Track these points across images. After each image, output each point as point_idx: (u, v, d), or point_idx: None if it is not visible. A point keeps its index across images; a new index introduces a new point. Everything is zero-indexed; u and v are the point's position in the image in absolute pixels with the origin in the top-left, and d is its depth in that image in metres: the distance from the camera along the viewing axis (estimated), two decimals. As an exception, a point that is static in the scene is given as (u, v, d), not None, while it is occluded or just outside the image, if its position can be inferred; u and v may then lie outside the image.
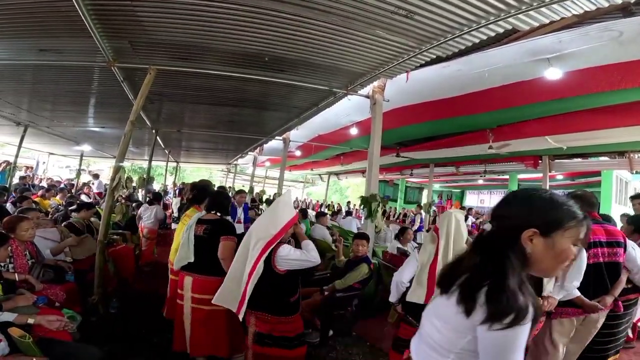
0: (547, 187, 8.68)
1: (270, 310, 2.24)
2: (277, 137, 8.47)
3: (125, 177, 3.73)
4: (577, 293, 2.36)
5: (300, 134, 8.26)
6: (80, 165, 11.71)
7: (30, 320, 2.08)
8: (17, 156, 7.77)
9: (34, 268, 3.23)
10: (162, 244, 6.77)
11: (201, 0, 2.66)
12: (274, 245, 2.19)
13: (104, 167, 22.01)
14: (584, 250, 2.37)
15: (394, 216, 13.66)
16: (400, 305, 2.33)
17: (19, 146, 7.62)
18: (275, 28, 3.10)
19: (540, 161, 8.94)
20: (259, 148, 10.65)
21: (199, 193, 3.48)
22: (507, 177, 12.64)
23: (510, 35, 3.85)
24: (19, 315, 2.09)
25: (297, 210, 6.99)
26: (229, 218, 3.10)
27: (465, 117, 6.49)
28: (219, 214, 2.78)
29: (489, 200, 18.54)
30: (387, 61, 3.74)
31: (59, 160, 18.26)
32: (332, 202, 16.85)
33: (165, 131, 8.16)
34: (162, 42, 3.39)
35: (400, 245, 5.25)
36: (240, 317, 2.19)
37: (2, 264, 2.93)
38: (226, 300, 2.25)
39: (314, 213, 9.87)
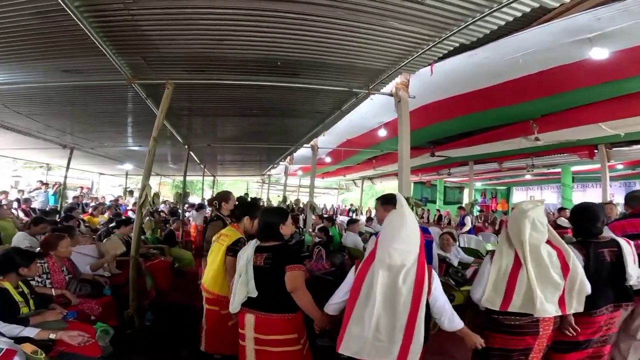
0: (607, 179, 7.85)
1: None
2: (305, 145, 8.44)
3: (153, 194, 3.82)
4: None
5: (328, 140, 8.16)
6: (126, 183, 12.51)
7: (52, 335, 2.13)
8: (65, 177, 8.42)
9: (71, 283, 3.39)
10: (199, 256, 7.04)
11: (204, 9, 2.66)
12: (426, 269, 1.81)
13: (152, 184, 23.32)
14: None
15: (435, 219, 13.08)
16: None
17: (67, 167, 8.29)
18: (284, 30, 3.03)
19: (596, 151, 8.07)
20: (289, 157, 10.72)
21: (239, 210, 3.10)
22: (559, 170, 11.61)
23: (540, 18, 3.52)
24: (42, 330, 2.14)
25: (325, 218, 6.89)
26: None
27: (503, 108, 6.08)
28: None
29: (540, 196, 17.11)
30: (406, 54, 3.53)
31: (110, 180, 19.61)
32: (359, 206, 16.50)
33: (196, 146, 8.46)
34: (174, 55, 3.45)
35: (440, 252, 4.82)
36: None
37: (39, 280, 3.11)
38: (371, 353, 1.78)
39: (345, 219, 9.66)
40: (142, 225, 4.01)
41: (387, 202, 2.58)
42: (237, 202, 3.81)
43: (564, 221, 8.24)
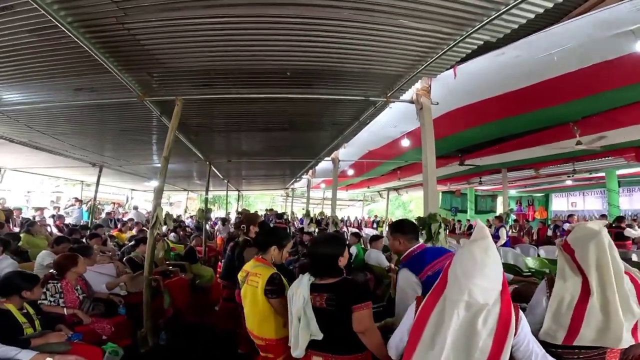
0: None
1: None
2: (326, 158, 8.28)
3: (164, 214, 3.76)
4: None
5: (349, 152, 7.97)
6: (154, 199, 12.86)
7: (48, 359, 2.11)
8: (96, 193, 8.76)
9: (84, 302, 3.37)
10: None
11: (204, 19, 2.57)
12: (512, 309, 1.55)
13: (182, 199, 24.07)
14: None
15: (459, 229, 12.46)
16: None
17: (97, 184, 8.60)
18: (292, 38, 2.90)
19: (643, 153, 7.38)
20: (311, 171, 10.61)
21: (263, 239, 2.62)
22: (602, 174, 10.73)
23: (572, 11, 3.23)
24: (38, 353, 2.12)
25: (351, 234, 6.61)
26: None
27: (539, 111, 5.64)
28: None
29: (582, 202, 15.89)
30: (424, 56, 3.29)
31: (144, 195, 20.33)
32: (383, 217, 16.03)
33: (218, 162, 8.54)
34: (181, 70, 3.39)
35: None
36: None
37: (52, 300, 3.09)
38: None
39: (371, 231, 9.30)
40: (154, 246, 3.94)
41: (396, 230, 2.27)
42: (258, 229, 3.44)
43: (631, 232, 7.28)
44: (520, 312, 1.58)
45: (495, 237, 9.16)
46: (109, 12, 2.45)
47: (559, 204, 17.09)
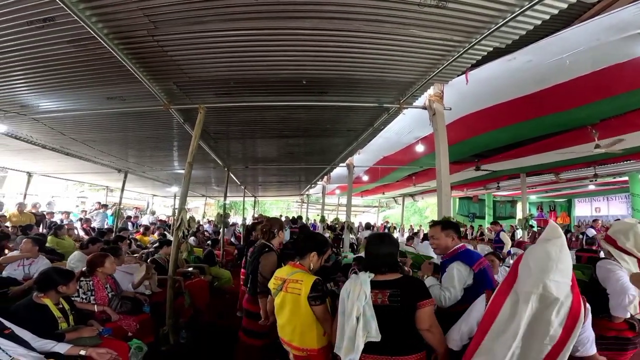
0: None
1: None
2: (340, 164, 8.38)
3: (188, 217, 3.94)
4: None
5: (364, 158, 8.03)
6: (174, 204, 13.29)
7: (82, 352, 2.22)
8: (120, 199, 9.16)
9: (113, 300, 3.56)
10: (237, 275, 7.25)
11: (226, 32, 2.75)
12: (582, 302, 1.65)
13: (199, 205, 24.58)
14: None
15: (472, 235, 12.29)
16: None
17: (122, 190, 9.00)
18: (308, 48, 3.05)
19: (666, 156, 7.15)
20: (326, 177, 10.71)
21: (303, 244, 2.44)
22: (626, 178, 10.40)
23: (581, 16, 3.27)
24: (73, 346, 2.24)
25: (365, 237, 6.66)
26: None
27: (555, 115, 5.56)
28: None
29: (607, 207, 15.34)
30: (436, 63, 3.38)
31: (164, 200, 20.87)
32: (394, 223, 16.01)
33: (235, 168, 8.78)
34: (203, 80, 3.58)
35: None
36: None
37: (84, 297, 3.30)
38: None
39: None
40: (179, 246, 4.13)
41: (450, 227, 2.51)
42: (296, 233, 3.34)
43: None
44: (587, 304, 1.69)
45: (497, 243, 8.91)
46: (141, 25, 2.65)
47: (583, 210, 16.53)
